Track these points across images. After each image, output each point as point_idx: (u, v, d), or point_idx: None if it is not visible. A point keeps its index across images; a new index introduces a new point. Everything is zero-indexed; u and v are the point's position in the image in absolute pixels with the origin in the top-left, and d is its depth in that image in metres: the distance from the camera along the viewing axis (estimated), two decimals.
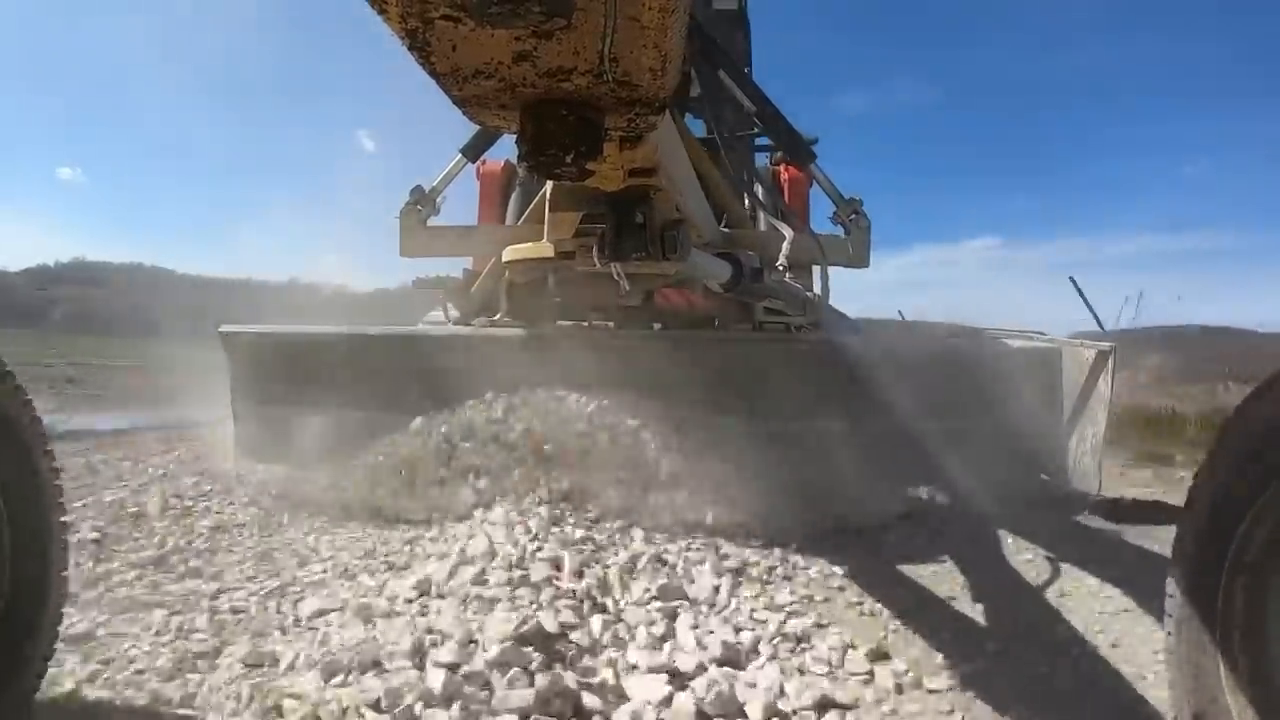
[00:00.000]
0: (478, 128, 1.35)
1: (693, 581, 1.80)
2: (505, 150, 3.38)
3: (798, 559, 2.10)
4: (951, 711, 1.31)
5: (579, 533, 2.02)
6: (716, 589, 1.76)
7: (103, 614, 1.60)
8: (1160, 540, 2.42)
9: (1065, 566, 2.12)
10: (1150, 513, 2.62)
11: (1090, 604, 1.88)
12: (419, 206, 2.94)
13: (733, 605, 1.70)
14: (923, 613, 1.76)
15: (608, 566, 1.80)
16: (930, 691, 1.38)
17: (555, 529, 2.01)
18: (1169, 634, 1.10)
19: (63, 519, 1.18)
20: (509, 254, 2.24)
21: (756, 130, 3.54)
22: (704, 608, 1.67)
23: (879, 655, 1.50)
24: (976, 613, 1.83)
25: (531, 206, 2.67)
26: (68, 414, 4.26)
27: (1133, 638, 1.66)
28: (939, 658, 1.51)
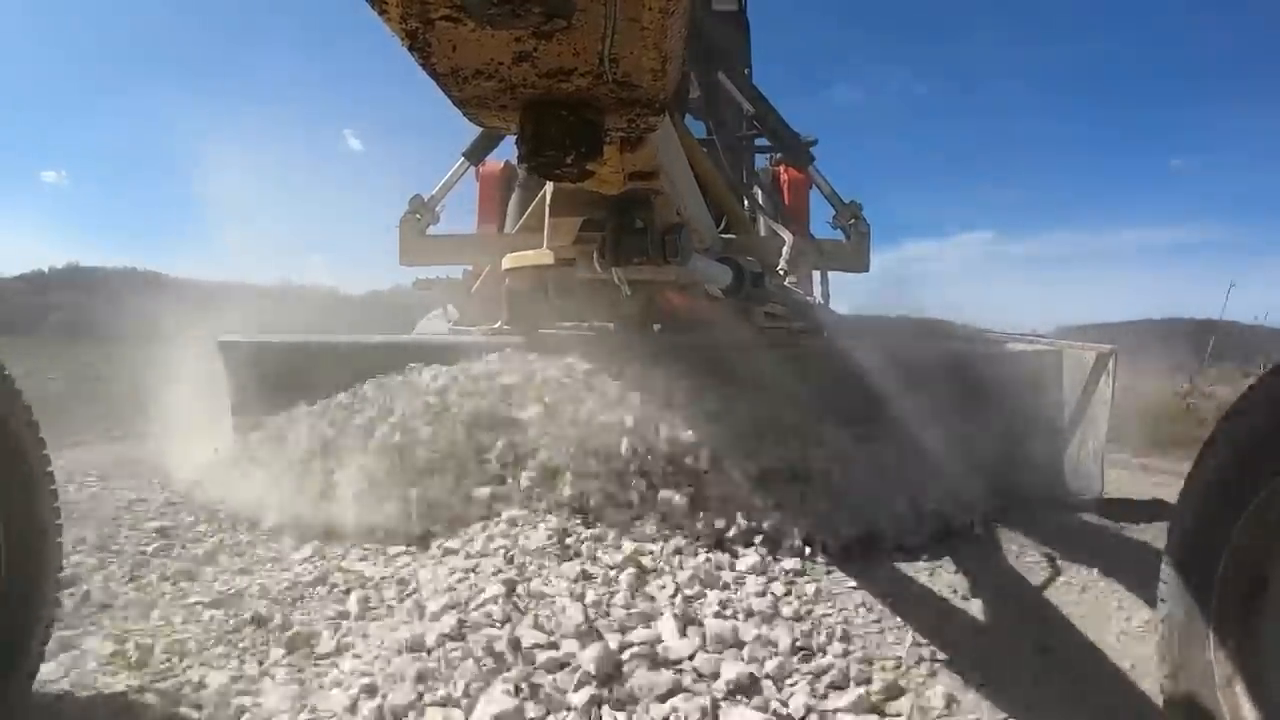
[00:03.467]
0: (476, 130, 1.35)
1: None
2: (505, 151, 3.38)
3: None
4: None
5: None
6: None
7: None
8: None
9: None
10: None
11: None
12: (418, 215, 2.93)
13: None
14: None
15: None
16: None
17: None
18: (1161, 628, 1.09)
19: (56, 513, 1.18)
20: (509, 262, 2.23)
21: (756, 132, 3.54)
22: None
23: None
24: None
25: (531, 209, 2.66)
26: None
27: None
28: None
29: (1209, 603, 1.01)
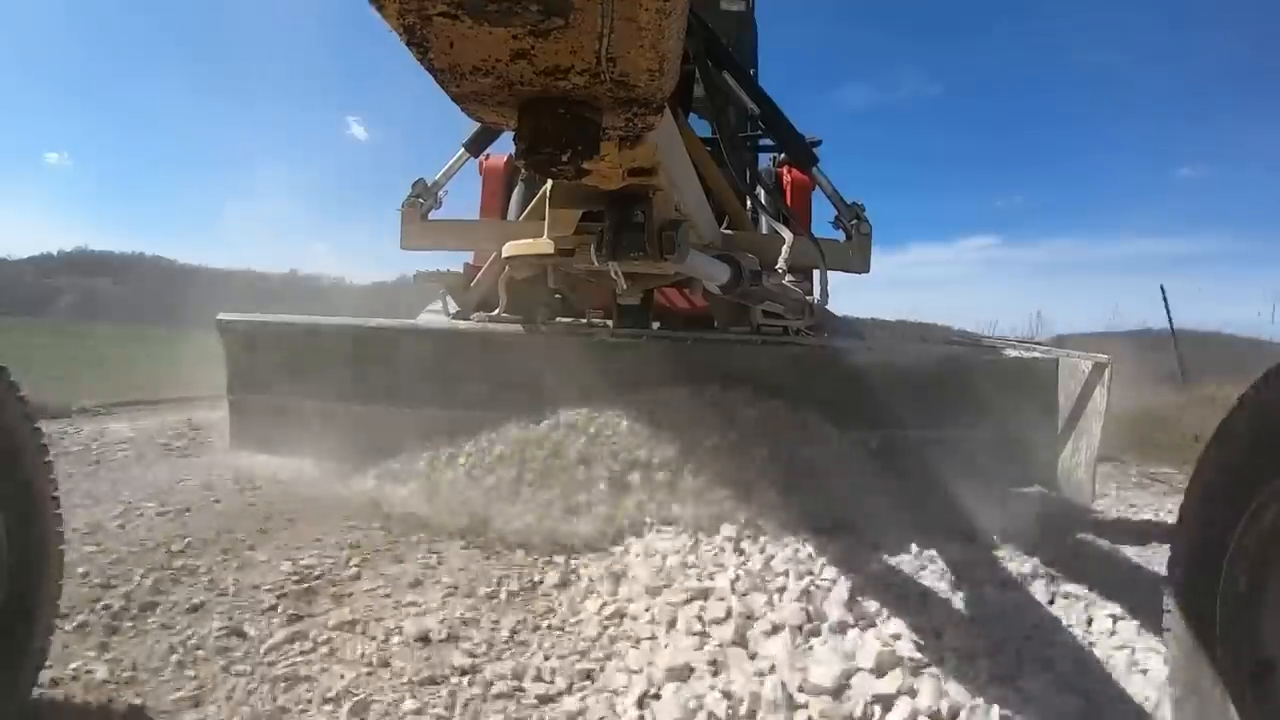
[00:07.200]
0: (478, 123, 1.36)
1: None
2: (508, 145, 3.37)
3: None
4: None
5: None
6: None
7: None
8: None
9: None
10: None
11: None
12: (420, 199, 2.95)
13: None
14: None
15: None
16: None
17: None
18: (1167, 649, 1.09)
19: (57, 512, 1.19)
20: (509, 250, 2.25)
21: (760, 132, 3.54)
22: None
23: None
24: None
25: (533, 203, 2.68)
26: None
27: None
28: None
29: (1213, 615, 1.01)
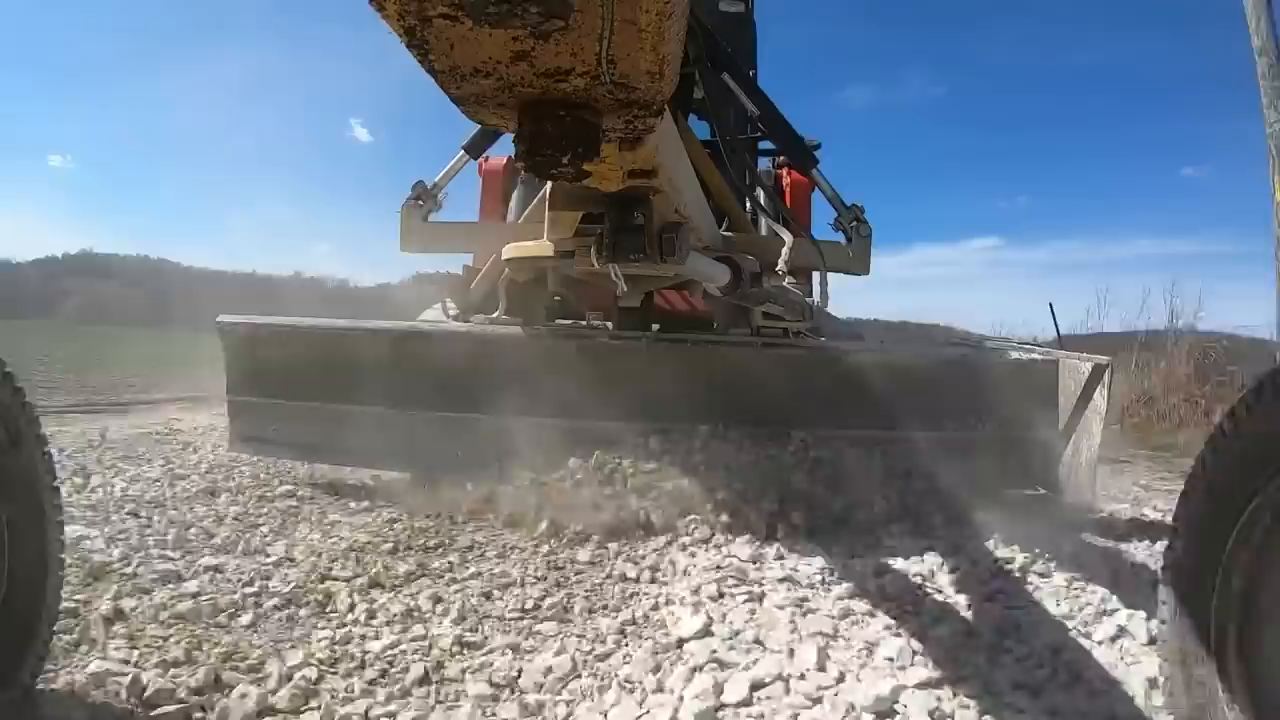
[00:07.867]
0: (478, 125, 1.37)
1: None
2: (508, 148, 3.38)
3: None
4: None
5: None
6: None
7: None
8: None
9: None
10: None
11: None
12: (420, 202, 2.96)
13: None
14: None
15: None
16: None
17: None
18: (1162, 647, 1.09)
19: (56, 503, 1.19)
20: (509, 252, 2.26)
21: (759, 134, 3.55)
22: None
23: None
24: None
25: (532, 205, 2.69)
26: None
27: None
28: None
29: (1207, 616, 1.01)
